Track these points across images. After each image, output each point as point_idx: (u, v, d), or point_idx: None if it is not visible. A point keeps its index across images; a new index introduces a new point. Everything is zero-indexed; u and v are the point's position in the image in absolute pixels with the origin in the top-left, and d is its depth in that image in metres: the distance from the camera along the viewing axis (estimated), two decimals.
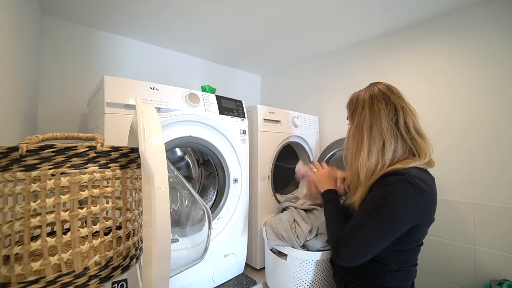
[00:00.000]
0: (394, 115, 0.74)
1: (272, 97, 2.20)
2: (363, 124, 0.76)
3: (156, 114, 0.54)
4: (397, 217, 0.66)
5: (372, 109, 0.76)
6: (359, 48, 1.58)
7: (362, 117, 0.77)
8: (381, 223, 0.66)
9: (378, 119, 0.74)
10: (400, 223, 0.67)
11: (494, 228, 1.06)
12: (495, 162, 1.08)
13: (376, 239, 0.68)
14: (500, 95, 1.08)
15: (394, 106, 0.75)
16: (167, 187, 0.45)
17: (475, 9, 1.15)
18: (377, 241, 0.68)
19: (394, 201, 0.66)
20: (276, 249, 1.05)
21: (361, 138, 0.76)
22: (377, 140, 0.73)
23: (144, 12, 1.24)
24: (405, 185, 0.65)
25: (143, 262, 0.51)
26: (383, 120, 0.74)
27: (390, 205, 0.66)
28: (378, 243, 0.68)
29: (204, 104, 1.07)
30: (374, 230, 0.67)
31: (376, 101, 0.76)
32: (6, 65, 0.71)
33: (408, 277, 0.77)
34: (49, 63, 1.26)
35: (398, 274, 0.74)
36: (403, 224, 0.67)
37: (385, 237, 0.67)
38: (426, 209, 0.68)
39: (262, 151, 1.30)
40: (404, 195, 0.65)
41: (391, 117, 0.74)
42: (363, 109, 0.78)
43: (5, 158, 0.39)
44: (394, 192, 0.66)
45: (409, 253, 0.75)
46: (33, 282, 0.38)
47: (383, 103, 0.75)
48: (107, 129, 0.82)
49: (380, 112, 0.74)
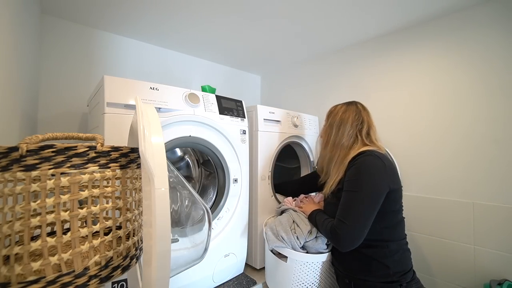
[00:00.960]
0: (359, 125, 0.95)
1: (272, 97, 2.20)
2: (333, 123, 0.98)
3: (156, 114, 0.54)
4: (374, 185, 0.79)
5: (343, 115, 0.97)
6: (359, 48, 1.58)
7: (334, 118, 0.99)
8: (362, 194, 0.79)
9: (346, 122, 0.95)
10: (378, 189, 0.79)
11: (494, 228, 1.06)
12: (495, 162, 1.08)
13: (365, 210, 0.79)
14: (500, 95, 1.08)
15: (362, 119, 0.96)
16: (167, 187, 0.45)
17: (475, 9, 1.15)
18: (366, 212, 0.79)
19: (366, 172, 0.81)
20: (276, 250, 1.05)
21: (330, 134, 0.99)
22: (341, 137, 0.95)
23: (144, 12, 1.24)
24: (370, 159, 0.83)
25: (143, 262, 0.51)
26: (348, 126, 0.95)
27: (364, 177, 0.81)
28: (367, 213, 0.79)
29: (204, 104, 1.07)
30: (359, 202, 0.79)
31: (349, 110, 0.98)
32: (6, 65, 0.71)
33: (407, 258, 0.87)
34: (49, 63, 1.26)
35: (399, 256, 0.84)
36: (380, 190, 0.79)
37: (371, 206, 0.79)
38: (391, 175, 0.83)
39: (262, 151, 1.30)
40: (372, 166, 0.82)
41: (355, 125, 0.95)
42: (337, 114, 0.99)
43: (5, 158, 0.39)
44: (363, 167, 0.82)
45: (398, 228, 0.87)
46: (33, 282, 0.38)
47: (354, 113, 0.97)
48: (107, 129, 0.82)
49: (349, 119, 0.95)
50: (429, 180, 1.25)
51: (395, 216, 0.86)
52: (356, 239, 0.79)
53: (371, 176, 0.80)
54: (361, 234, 0.79)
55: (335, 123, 0.97)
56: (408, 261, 0.87)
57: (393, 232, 0.86)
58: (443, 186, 1.21)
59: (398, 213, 0.88)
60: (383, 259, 0.83)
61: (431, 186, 1.24)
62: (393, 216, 0.86)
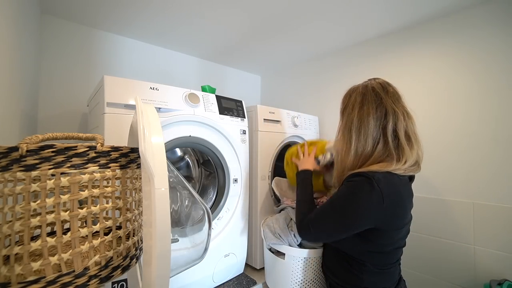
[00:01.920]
0: (384, 120, 0.72)
1: (272, 97, 2.20)
2: (351, 126, 0.75)
3: (156, 114, 0.54)
4: (352, 215, 0.68)
5: (361, 112, 0.74)
6: (359, 48, 1.58)
7: (351, 118, 0.76)
8: (338, 216, 0.71)
9: (366, 123, 0.72)
10: (355, 221, 0.68)
11: (494, 228, 1.06)
12: (495, 162, 1.08)
13: (332, 230, 0.73)
14: (500, 95, 1.08)
15: (385, 110, 0.72)
16: (167, 187, 0.45)
17: (475, 8, 1.15)
18: (332, 232, 0.73)
19: (353, 199, 0.68)
20: (274, 248, 1.05)
21: (350, 140, 0.75)
22: (362, 143, 0.73)
23: (144, 13, 1.24)
24: (367, 188, 0.65)
25: (143, 262, 0.51)
26: (371, 126, 0.72)
27: (348, 202, 0.69)
28: (333, 233, 0.74)
29: (204, 104, 1.07)
30: (331, 221, 0.72)
31: (367, 103, 0.74)
32: (6, 65, 0.71)
33: (388, 279, 0.76)
34: (49, 63, 1.26)
35: (377, 276, 0.74)
36: (358, 222, 0.68)
37: (340, 229, 0.71)
38: (388, 214, 0.67)
39: (262, 151, 1.30)
40: (364, 196, 0.66)
41: (379, 123, 0.72)
42: (353, 109, 0.76)
43: (5, 158, 0.39)
44: (355, 192, 0.68)
45: (386, 255, 0.74)
46: (33, 282, 0.38)
47: (374, 106, 0.73)
48: (107, 129, 0.82)
49: (369, 117, 0.72)
50: (429, 180, 1.25)
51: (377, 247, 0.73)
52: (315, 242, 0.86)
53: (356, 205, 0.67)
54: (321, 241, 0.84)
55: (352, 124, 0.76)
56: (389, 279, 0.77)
57: (380, 257, 0.74)
58: (443, 186, 1.21)
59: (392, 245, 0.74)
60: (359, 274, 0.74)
61: (431, 186, 1.24)
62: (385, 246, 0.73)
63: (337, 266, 0.81)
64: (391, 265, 0.76)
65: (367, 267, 0.73)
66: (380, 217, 0.67)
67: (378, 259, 0.73)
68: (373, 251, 0.73)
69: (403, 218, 0.72)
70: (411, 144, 0.72)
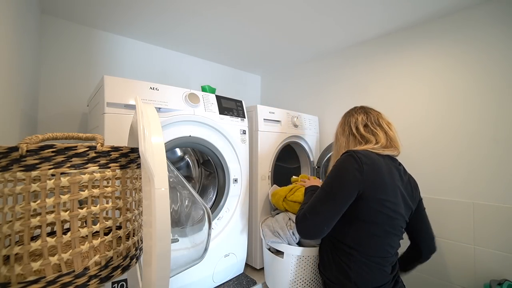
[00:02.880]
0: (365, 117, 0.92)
1: (272, 97, 2.20)
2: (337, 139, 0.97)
3: (156, 114, 0.54)
4: (340, 183, 0.76)
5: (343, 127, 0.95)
6: (359, 48, 1.58)
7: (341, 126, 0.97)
8: (328, 192, 0.77)
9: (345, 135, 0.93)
10: (344, 188, 0.75)
11: (494, 228, 1.06)
12: (495, 162, 1.08)
13: (326, 210, 0.75)
14: (500, 94, 1.08)
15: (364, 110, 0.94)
16: (167, 187, 0.45)
17: (475, 8, 1.15)
18: (327, 212, 0.75)
19: (337, 171, 0.79)
20: (273, 248, 1.05)
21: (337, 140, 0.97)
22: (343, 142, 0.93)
23: (144, 13, 1.24)
24: (347, 158, 0.78)
25: (143, 262, 0.51)
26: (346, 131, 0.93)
27: (333, 174, 0.79)
28: (328, 213, 0.75)
29: (204, 104, 1.07)
30: (323, 199, 0.77)
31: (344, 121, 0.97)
32: (6, 65, 0.71)
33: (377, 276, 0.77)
34: (49, 63, 1.26)
35: (365, 268, 0.76)
36: (347, 189, 0.75)
37: (334, 204, 0.75)
38: (369, 179, 0.75)
39: (262, 151, 1.30)
40: (346, 165, 0.77)
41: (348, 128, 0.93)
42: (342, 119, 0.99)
43: (5, 158, 0.39)
44: (337, 165, 0.79)
45: (373, 241, 0.77)
46: (33, 282, 0.38)
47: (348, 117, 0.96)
48: (107, 129, 0.82)
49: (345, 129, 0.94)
50: (429, 180, 1.25)
51: (363, 226, 0.77)
52: (314, 233, 0.78)
53: (340, 173, 0.77)
54: (319, 230, 0.77)
55: None
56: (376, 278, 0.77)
57: (360, 242, 0.77)
58: (443, 186, 1.21)
59: (370, 226, 0.77)
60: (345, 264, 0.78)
61: (431, 186, 1.24)
62: (361, 226, 0.77)
63: (329, 259, 0.84)
64: (379, 259, 0.77)
65: (354, 256, 0.77)
66: (362, 182, 0.74)
67: (365, 245, 0.77)
68: (362, 235, 0.77)
69: (384, 189, 0.77)
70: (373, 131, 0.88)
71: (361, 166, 0.75)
